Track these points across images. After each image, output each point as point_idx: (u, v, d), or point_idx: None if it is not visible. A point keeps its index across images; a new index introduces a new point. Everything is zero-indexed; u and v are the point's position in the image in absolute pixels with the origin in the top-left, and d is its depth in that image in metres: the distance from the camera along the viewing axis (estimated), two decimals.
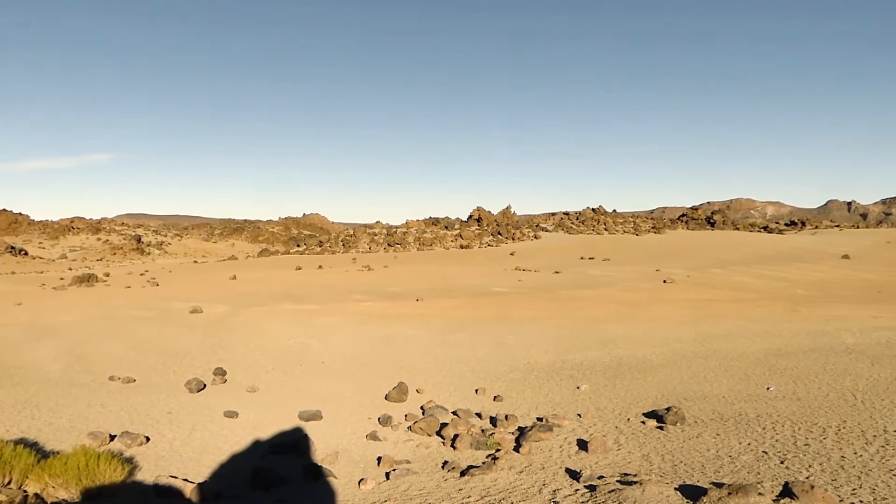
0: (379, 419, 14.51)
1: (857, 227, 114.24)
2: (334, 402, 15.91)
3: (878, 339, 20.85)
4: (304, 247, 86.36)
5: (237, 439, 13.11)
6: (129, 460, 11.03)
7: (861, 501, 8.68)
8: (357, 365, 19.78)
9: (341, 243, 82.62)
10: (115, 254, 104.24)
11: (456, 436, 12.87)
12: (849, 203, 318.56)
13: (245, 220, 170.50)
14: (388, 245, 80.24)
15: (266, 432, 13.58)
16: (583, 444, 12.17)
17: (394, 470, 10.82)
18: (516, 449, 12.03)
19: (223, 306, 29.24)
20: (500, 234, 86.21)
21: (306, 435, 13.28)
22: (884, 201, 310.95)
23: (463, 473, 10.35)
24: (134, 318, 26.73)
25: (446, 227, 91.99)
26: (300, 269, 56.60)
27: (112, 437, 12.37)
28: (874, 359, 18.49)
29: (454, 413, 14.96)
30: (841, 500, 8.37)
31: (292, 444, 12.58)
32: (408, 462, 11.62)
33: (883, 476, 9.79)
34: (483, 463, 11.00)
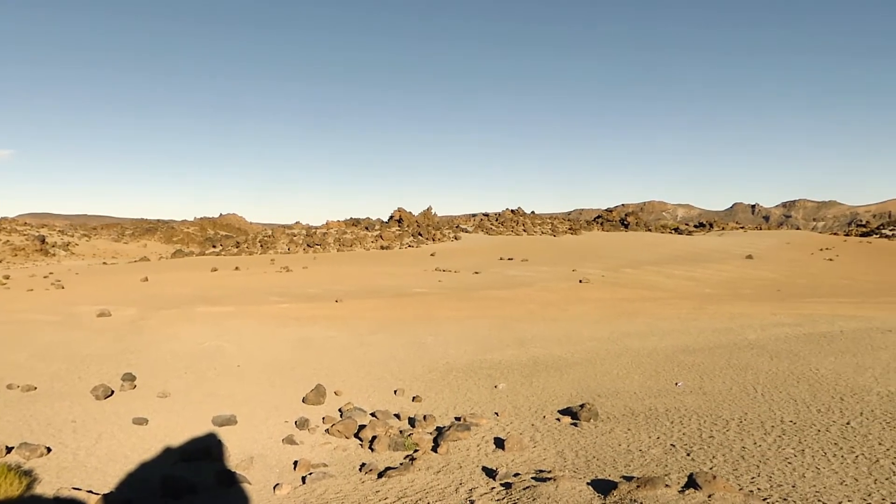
0: (296, 422, 14.28)
1: (760, 229, 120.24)
2: (250, 406, 15.57)
3: (776, 335, 21.99)
4: (221, 248, 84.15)
5: (146, 447, 12.64)
6: (28, 473, 10.47)
7: (759, 489, 9.14)
8: (274, 368, 19.42)
9: (259, 244, 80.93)
10: (16, 255, 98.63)
11: (374, 437, 12.82)
12: (753, 206, 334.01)
13: (158, 220, 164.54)
14: (308, 246, 79.14)
15: (178, 439, 13.16)
16: (500, 443, 12.34)
17: (310, 474, 10.68)
18: (434, 449, 12.08)
19: (133, 309, 28.18)
20: (420, 234, 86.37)
21: (220, 441, 12.95)
22: (784, 204, 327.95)
23: (380, 475, 10.32)
24: (36, 322, 25.42)
25: (367, 228, 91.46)
26: (216, 270, 55.10)
27: (9, 450, 11.66)
28: (773, 354, 19.51)
29: (373, 415, 14.90)
30: (741, 489, 8.78)
31: (205, 451, 12.24)
32: (325, 465, 11.49)
33: (779, 464, 10.33)
34: (401, 464, 10.99)
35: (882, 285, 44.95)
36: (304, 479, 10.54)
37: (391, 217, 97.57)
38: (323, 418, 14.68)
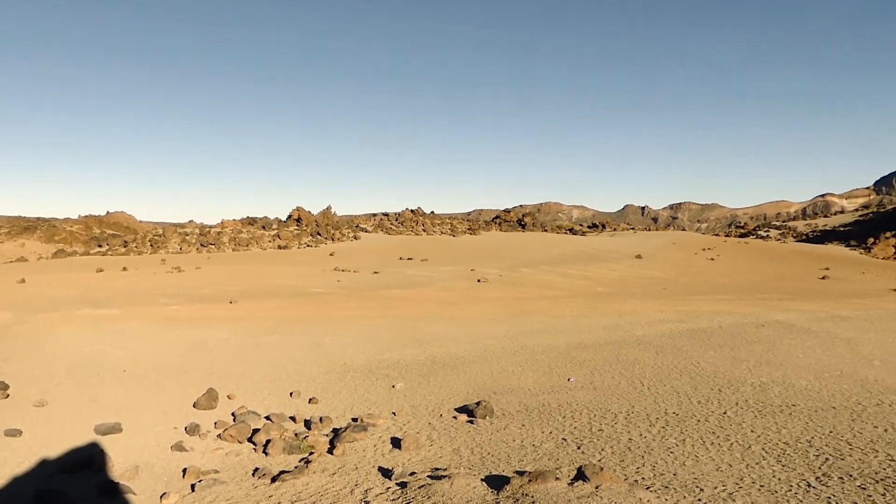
0: (186, 428, 13.77)
1: (649, 230, 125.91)
2: (136, 412, 14.87)
3: (662, 332, 23.08)
4: (108, 247, 79.93)
5: (20, 460, 11.86)
6: None
7: (643, 478, 9.56)
8: (163, 372, 18.63)
9: (149, 244, 77.46)
10: None
11: (268, 441, 12.55)
12: (643, 207, 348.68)
13: (38, 218, 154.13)
14: (202, 245, 76.46)
15: (56, 450, 12.41)
16: (396, 442, 12.35)
17: (200, 481, 10.34)
18: (330, 451, 11.96)
19: (8, 313, 26.34)
20: (319, 234, 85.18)
21: (103, 450, 12.30)
22: (671, 206, 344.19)
23: (274, 479, 10.11)
24: None
25: (264, 227, 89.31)
26: (101, 271, 52.31)
27: None
28: (658, 349, 20.47)
29: (267, 418, 14.57)
30: (626, 479, 9.15)
31: (86, 461, 11.59)
32: (216, 472, 11.14)
33: (662, 454, 10.85)
34: (296, 467, 10.82)
35: (757, 283, 48.03)
36: (193, 486, 10.19)
37: (290, 216, 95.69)
38: (215, 423, 14.23)
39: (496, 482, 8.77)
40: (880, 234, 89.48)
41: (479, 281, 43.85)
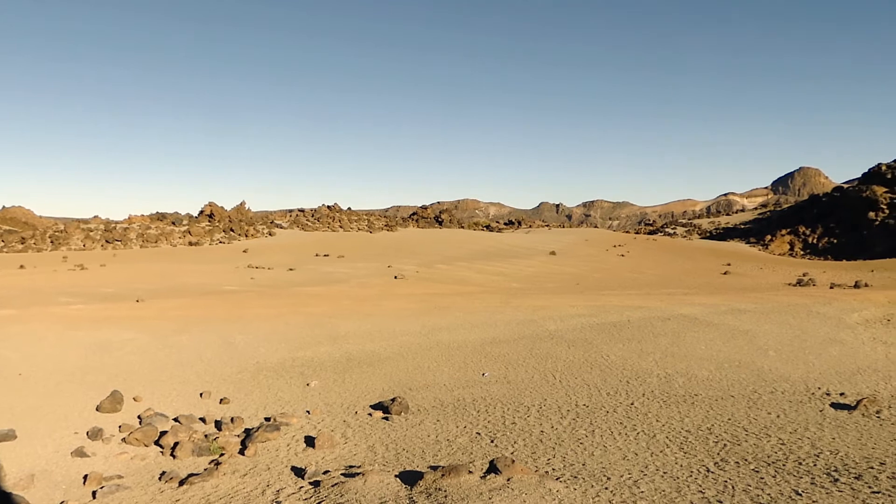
0: (88, 433, 13.16)
1: (563, 227, 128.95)
2: (33, 418, 14.10)
3: (574, 325, 23.67)
4: (3, 244, 75.50)
5: None
6: None
7: (553, 469, 9.80)
8: (63, 375, 17.73)
9: (49, 240, 73.61)
10: None
11: (176, 444, 12.14)
12: (557, 205, 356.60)
13: None
14: (107, 242, 73.26)
15: None
16: (310, 441, 12.20)
17: (102, 487, 9.91)
18: (242, 452, 11.70)
19: None
20: (233, 230, 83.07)
21: None
22: (585, 204, 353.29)
23: (182, 483, 9.82)
24: None
25: (174, 223, 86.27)
26: None
27: None
28: (570, 343, 21.00)
29: (175, 420, 14.10)
30: (537, 470, 9.36)
31: None
32: (119, 477, 10.70)
33: (572, 445, 11.15)
34: (205, 470, 10.52)
35: (664, 278, 49.91)
36: (94, 493, 9.76)
37: (201, 212, 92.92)
38: (119, 427, 13.65)
39: (410, 478, 8.81)
40: (777, 231, 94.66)
41: (395, 277, 43.81)
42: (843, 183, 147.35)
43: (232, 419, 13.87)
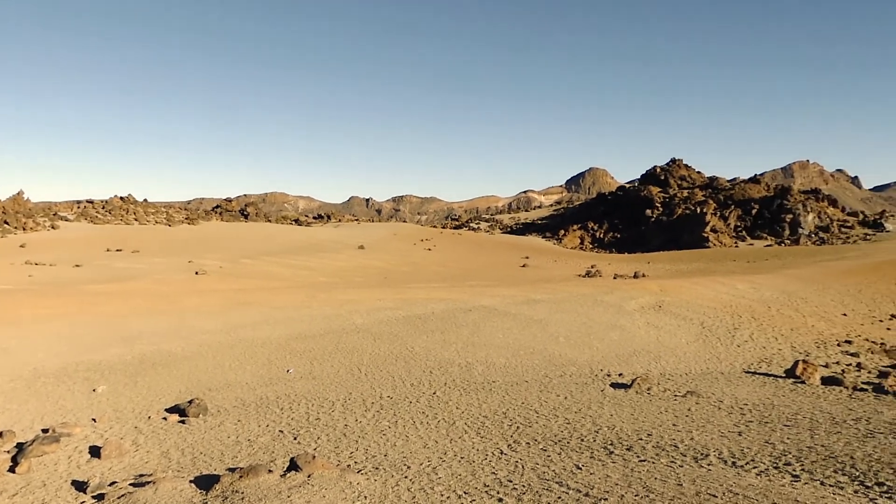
0: None
1: (373, 221, 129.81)
2: None
3: (380, 319, 23.95)
4: None
5: None
6: None
7: (356, 462, 9.87)
8: None
9: None
10: None
11: None
12: (367, 199, 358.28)
13: None
14: None
15: None
16: (96, 451, 11.28)
17: None
18: (12, 469, 10.53)
19: None
20: (7, 223, 74.45)
21: None
22: (394, 199, 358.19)
23: None
24: None
25: None
26: None
27: None
28: (376, 336, 21.22)
29: None
30: (339, 464, 9.35)
31: None
32: None
33: (375, 437, 11.29)
34: None
35: (468, 271, 51.96)
36: None
37: None
38: None
39: (205, 482, 8.45)
40: (569, 227, 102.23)
41: (196, 273, 41.71)
42: (626, 183, 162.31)
43: (1, 433, 12.45)
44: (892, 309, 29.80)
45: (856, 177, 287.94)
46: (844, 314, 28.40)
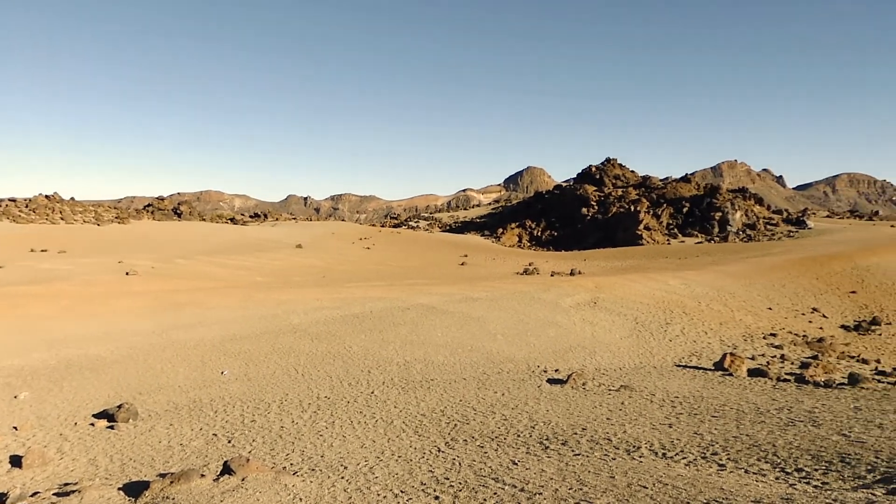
0: None
1: (311, 220, 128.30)
2: None
3: (318, 319, 23.68)
4: None
5: None
6: None
7: (291, 463, 9.74)
8: None
9: None
10: None
11: None
12: (305, 198, 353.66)
13: None
14: None
15: None
16: (17, 461, 10.82)
17: None
18: None
19: None
20: None
21: None
22: (333, 197, 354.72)
23: None
24: None
25: None
26: None
27: None
28: (314, 336, 20.97)
29: None
30: (274, 467, 9.21)
31: None
32: None
33: (312, 438, 11.16)
34: None
35: (406, 269, 51.88)
36: None
37: None
38: None
39: (134, 489, 8.21)
40: (508, 225, 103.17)
41: (127, 273, 40.40)
42: (563, 182, 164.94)
43: None
44: (813, 302, 31.15)
45: (780, 176, 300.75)
46: (770, 308, 29.53)
